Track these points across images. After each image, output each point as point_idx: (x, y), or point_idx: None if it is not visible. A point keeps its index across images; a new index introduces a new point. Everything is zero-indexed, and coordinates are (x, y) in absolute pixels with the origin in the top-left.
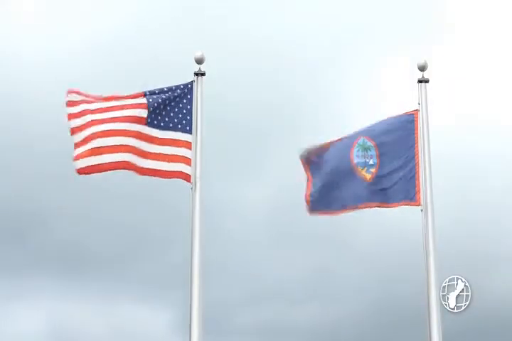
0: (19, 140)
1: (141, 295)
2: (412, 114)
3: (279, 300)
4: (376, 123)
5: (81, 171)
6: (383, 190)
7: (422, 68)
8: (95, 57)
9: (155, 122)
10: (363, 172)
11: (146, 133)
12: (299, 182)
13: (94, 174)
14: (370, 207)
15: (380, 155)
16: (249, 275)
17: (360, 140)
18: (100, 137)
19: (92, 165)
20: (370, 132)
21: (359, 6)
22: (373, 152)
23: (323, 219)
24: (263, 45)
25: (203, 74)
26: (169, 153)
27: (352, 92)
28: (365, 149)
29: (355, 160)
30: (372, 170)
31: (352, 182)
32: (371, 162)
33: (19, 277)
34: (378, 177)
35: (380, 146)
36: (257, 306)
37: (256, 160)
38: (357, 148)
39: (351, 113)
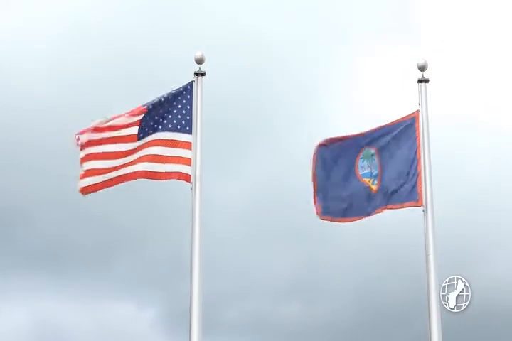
0: (2, 134)
1: (125, 292)
2: (413, 117)
3: (264, 296)
4: (378, 130)
5: (84, 191)
6: (389, 194)
7: (422, 68)
8: (95, 58)
9: (154, 126)
10: (370, 183)
11: (139, 144)
12: (283, 179)
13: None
14: (378, 212)
15: (381, 161)
16: (233, 272)
17: (365, 150)
18: (97, 159)
19: (93, 185)
20: (372, 140)
21: (358, 4)
22: (375, 160)
23: (312, 218)
24: (263, 45)
25: (203, 74)
26: (165, 154)
27: (339, 93)
28: (369, 158)
29: (361, 172)
30: (376, 181)
31: (360, 193)
32: (375, 172)
33: (4, 275)
34: (383, 186)
35: (380, 151)
36: (241, 302)
37: (245, 157)
38: (362, 159)
39: (342, 115)
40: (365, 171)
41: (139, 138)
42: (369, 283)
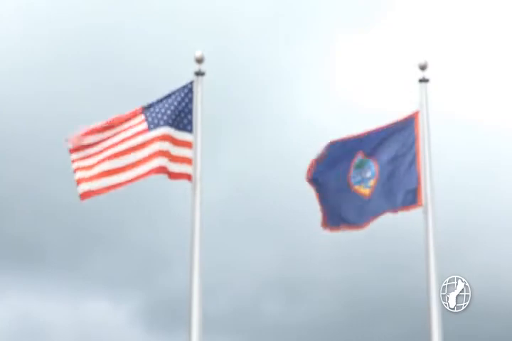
0: None
1: (101, 288)
2: (412, 117)
3: (246, 291)
4: (377, 132)
5: (84, 196)
6: (388, 197)
7: (423, 68)
8: (95, 59)
9: (164, 118)
10: (361, 189)
11: (153, 135)
12: (268, 175)
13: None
14: (379, 216)
15: (379, 162)
16: (214, 266)
17: (357, 159)
18: (108, 160)
19: (94, 190)
20: (367, 145)
21: (358, 4)
22: (370, 163)
23: (300, 215)
24: (263, 45)
25: (203, 74)
26: (172, 152)
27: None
28: (360, 166)
29: (352, 180)
30: (371, 182)
31: (353, 202)
32: (368, 175)
33: None
34: (379, 187)
35: (378, 155)
36: (222, 297)
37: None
38: (354, 169)
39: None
40: (357, 179)
41: (151, 129)
42: (361, 282)
